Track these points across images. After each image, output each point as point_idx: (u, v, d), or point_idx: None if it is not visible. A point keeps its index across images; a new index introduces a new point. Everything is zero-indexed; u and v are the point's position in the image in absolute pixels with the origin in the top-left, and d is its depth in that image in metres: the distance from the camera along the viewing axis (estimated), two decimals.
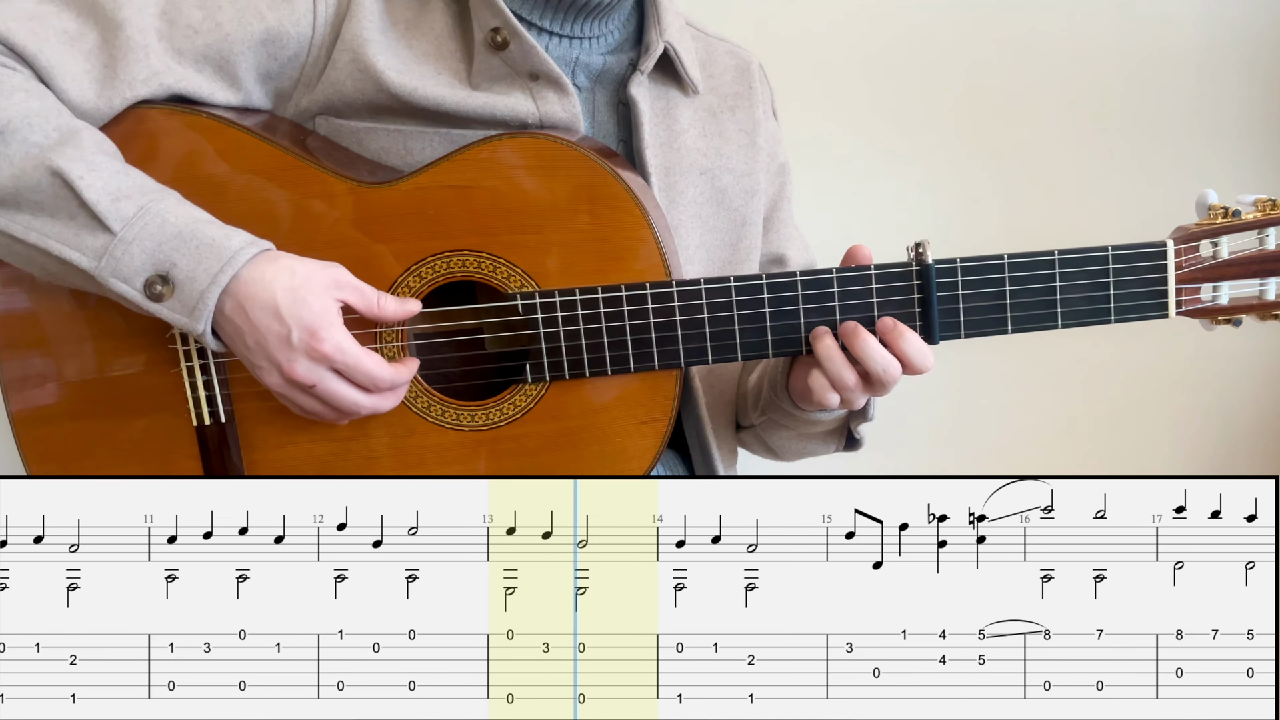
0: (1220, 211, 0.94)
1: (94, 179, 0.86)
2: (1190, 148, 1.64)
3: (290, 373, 0.87)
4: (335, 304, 0.89)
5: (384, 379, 0.90)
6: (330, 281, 0.89)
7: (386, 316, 0.92)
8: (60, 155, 0.86)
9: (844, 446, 1.11)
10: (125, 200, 0.86)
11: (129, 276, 0.86)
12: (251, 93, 0.98)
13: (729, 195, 1.11)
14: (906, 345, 0.92)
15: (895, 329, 0.92)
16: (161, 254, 0.86)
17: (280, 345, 0.87)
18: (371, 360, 0.90)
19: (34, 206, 0.87)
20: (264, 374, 0.89)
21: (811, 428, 1.07)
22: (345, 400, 0.90)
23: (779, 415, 1.08)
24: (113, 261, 0.86)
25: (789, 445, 1.14)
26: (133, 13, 0.92)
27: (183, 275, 0.86)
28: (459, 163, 0.94)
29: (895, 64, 1.61)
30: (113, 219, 0.86)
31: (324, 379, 0.88)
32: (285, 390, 0.90)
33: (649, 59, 1.03)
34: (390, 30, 0.98)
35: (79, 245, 0.86)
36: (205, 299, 0.86)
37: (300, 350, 0.87)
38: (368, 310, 0.91)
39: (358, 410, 0.91)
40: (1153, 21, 1.61)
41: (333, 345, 0.87)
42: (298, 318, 0.86)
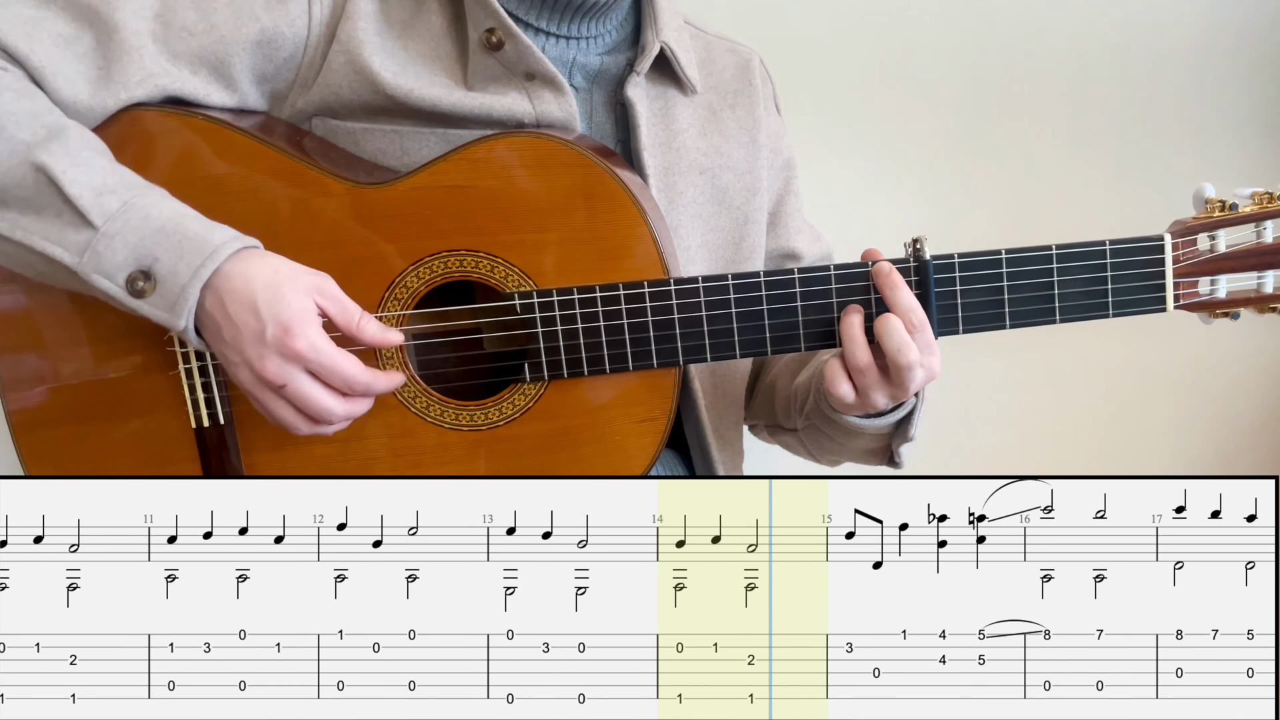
0: (1217, 205, 0.94)
1: (77, 174, 0.85)
2: (1187, 142, 1.64)
3: (261, 369, 0.85)
4: (314, 305, 0.87)
5: (359, 381, 0.88)
6: (313, 286, 0.87)
7: (365, 338, 0.89)
8: (45, 151, 0.85)
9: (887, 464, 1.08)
10: (109, 195, 0.85)
11: (111, 272, 0.85)
12: (247, 94, 0.98)
13: (730, 194, 1.10)
14: (897, 294, 0.91)
15: (889, 276, 0.92)
16: (144, 248, 0.85)
17: (254, 340, 0.85)
18: (348, 361, 0.87)
19: (20, 203, 0.86)
20: (237, 370, 0.87)
21: (853, 440, 1.05)
22: (315, 403, 0.87)
23: (822, 422, 1.06)
24: (95, 257, 0.85)
25: (831, 455, 1.13)
26: (128, 15, 0.92)
27: (165, 270, 0.85)
28: (456, 162, 0.94)
29: (893, 60, 1.61)
30: (95, 213, 0.85)
31: (295, 379, 0.86)
32: (255, 390, 0.87)
33: (645, 59, 1.03)
34: (386, 31, 0.98)
35: (62, 241, 0.85)
36: (186, 294, 0.84)
37: (272, 347, 0.84)
38: (346, 326, 0.88)
39: (329, 415, 0.88)
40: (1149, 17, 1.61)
41: (306, 344, 0.85)
42: (274, 314, 0.84)
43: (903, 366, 0.90)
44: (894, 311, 0.91)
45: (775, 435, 1.21)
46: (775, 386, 1.16)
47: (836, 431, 1.05)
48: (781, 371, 1.17)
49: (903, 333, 0.90)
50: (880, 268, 0.93)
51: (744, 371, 1.15)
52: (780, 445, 1.22)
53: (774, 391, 1.16)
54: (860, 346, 0.92)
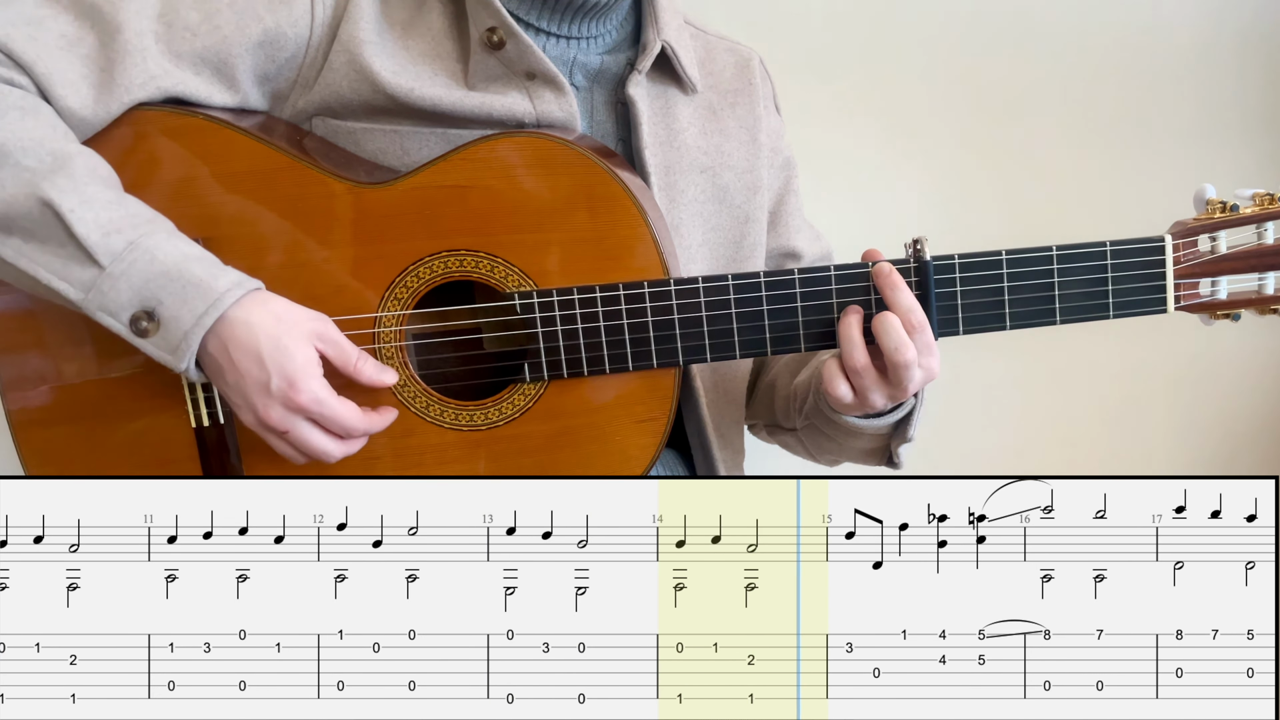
0: (1218, 206, 0.94)
1: (84, 212, 0.86)
2: (1188, 143, 1.64)
3: (265, 418, 0.88)
4: (316, 354, 0.89)
5: (358, 429, 0.91)
6: (313, 332, 0.90)
7: (362, 379, 0.92)
8: (52, 185, 0.85)
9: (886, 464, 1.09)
10: (115, 234, 0.86)
11: (115, 311, 0.86)
12: (249, 94, 0.98)
13: (730, 193, 1.10)
14: (896, 294, 0.92)
15: (889, 276, 0.92)
16: (148, 291, 0.86)
17: (258, 391, 0.87)
18: (346, 409, 0.90)
19: (25, 233, 0.86)
20: (240, 411, 0.90)
21: (851, 439, 1.05)
22: (315, 448, 0.91)
23: (821, 422, 1.06)
24: (99, 295, 0.86)
25: (830, 455, 1.13)
26: (131, 15, 0.92)
27: (168, 314, 0.86)
28: (456, 162, 0.94)
29: (893, 60, 1.61)
30: (101, 253, 0.85)
31: (297, 427, 0.89)
32: (257, 430, 0.91)
33: (646, 58, 1.03)
34: (387, 31, 0.98)
35: (67, 276, 0.86)
36: (189, 339, 0.86)
37: (277, 399, 0.87)
38: (345, 368, 0.91)
39: (327, 458, 0.91)
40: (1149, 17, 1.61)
41: (310, 397, 0.88)
42: (279, 366, 0.87)
43: (900, 365, 0.91)
44: (894, 311, 0.91)
45: (774, 435, 1.22)
46: (775, 386, 1.16)
47: (835, 431, 1.05)
48: (781, 371, 1.17)
49: (900, 331, 0.91)
50: (880, 268, 0.93)
51: (745, 370, 1.15)
52: (779, 445, 1.22)
53: (773, 391, 1.16)
54: (858, 347, 0.92)
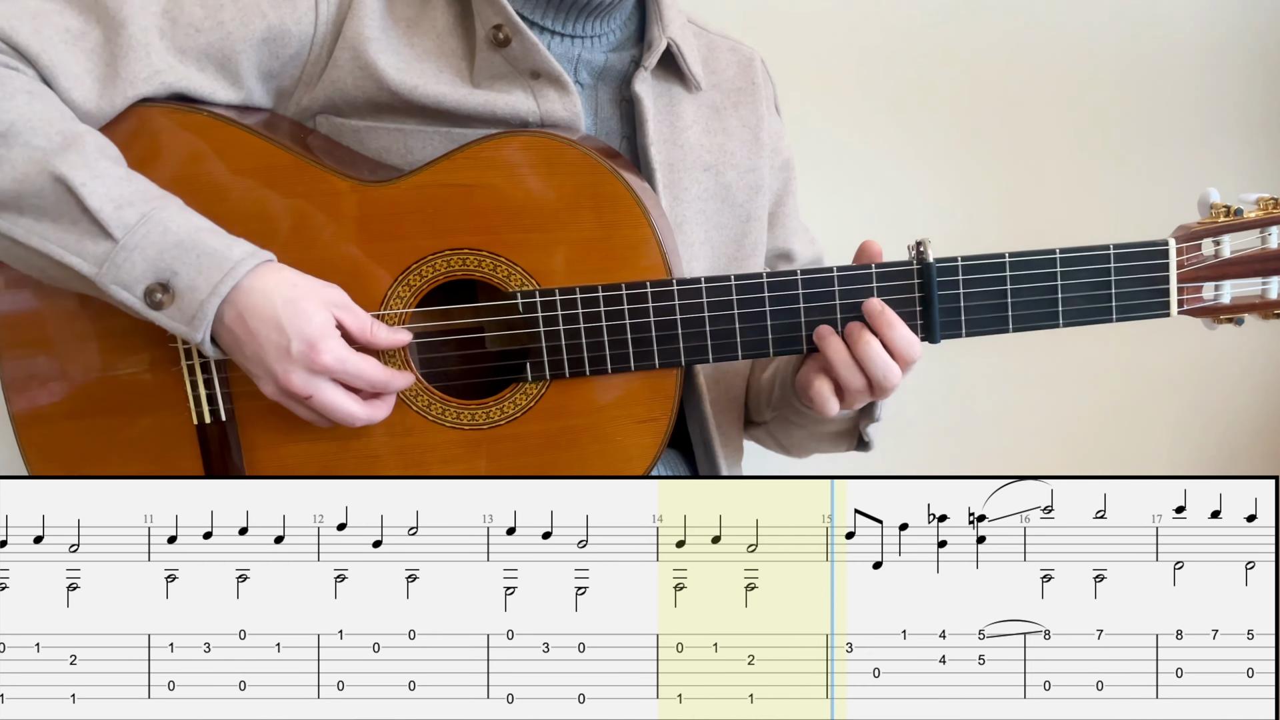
0: (1222, 210, 0.94)
1: (96, 185, 0.86)
2: (1192, 146, 1.63)
3: (286, 384, 0.88)
4: (333, 317, 0.90)
5: (380, 380, 0.92)
6: (328, 299, 0.90)
7: (378, 343, 0.93)
8: (63, 161, 0.86)
9: (856, 447, 1.11)
10: (128, 207, 0.87)
11: (130, 284, 0.86)
12: (253, 91, 0.98)
13: (733, 191, 1.11)
14: (893, 333, 0.92)
15: (883, 315, 0.92)
16: (163, 262, 0.86)
17: (279, 356, 0.87)
18: (369, 364, 0.91)
19: (36, 211, 0.87)
20: (261, 382, 0.90)
21: (822, 427, 1.07)
22: (340, 411, 0.91)
23: (790, 413, 1.08)
24: (114, 268, 0.86)
25: (801, 444, 1.15)
26: (135, 10, 0.92)
27: (183, 284, 0.86)
28: (460, 161, 0.94)
29: (896, 61, 1.61)
30: (115, 226, 0.86)
31: (320, 390, 0.89)
32: (280, 399, 0.91)
33: (652, 55, 1.03)
34: (391, 28, 0.98)
35: (80, 251, 0.86)
36: (205, 309, 0.86)
37: (299, 362, 0.88)
38: (360, 334, 0.92)
39: (351, 420, 0.91)
40: (1154, 19, 1.61)
41: (332, 357, 0.88)
42: (298, 330, 0.87)
43: (889, 388, 0.93)
44: (893, 348, 0.92)
45: (746, 430, 1.22)
46: (748, 383, 1.17)
47: (803, 420, 1.07)
48: (752, 367, 1.18)
49: (888, 361, 0.92)
50: (872, 306, 0.93)
51: (745, 369, 1.16)
52: (751, 440, 1.23)
53: (745, 387, 1.17)
54: (854, 371, 0.93)
